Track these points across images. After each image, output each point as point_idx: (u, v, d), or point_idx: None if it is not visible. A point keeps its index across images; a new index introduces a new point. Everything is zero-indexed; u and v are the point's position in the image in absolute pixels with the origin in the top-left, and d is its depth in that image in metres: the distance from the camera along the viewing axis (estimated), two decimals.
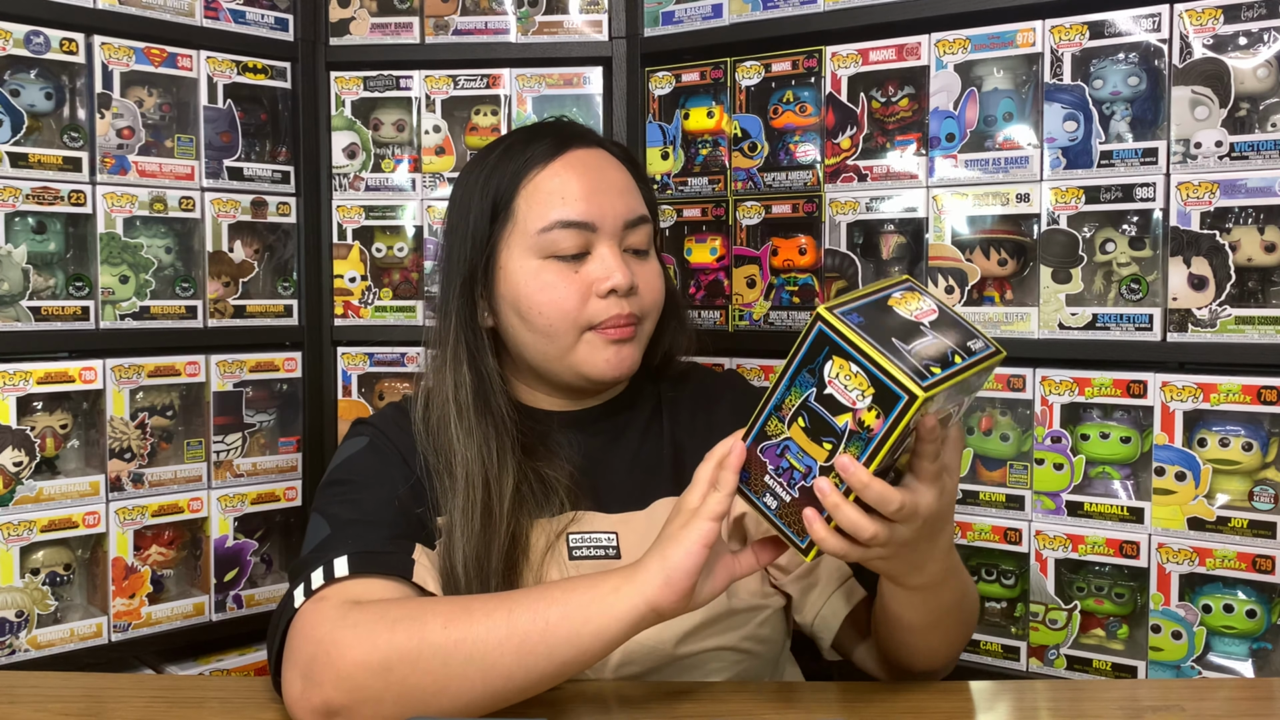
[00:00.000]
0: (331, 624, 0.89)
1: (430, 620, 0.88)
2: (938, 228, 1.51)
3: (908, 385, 0.77)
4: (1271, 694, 1.11)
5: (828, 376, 0.80)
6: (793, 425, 0.83)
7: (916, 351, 0.80)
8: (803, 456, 0.83)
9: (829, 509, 0.83)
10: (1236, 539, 1.32)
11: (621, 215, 1.09)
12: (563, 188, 1.08)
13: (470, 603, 0.90)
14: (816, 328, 0.80)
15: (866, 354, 0.78)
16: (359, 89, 1.81)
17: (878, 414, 0.78)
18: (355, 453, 1.10)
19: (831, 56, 1.59)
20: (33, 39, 1.52)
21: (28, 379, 1.51)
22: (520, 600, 0.88)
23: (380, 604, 0.92)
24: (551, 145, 1.11)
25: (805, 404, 0.82)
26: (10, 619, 1.50)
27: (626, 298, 1.08)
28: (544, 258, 1.08)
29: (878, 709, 0.98)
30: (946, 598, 0.99)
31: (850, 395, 0.79)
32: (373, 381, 1.84)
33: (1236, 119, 1.34)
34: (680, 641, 1.05)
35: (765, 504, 0.87)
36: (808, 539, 0.85)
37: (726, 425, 1.16)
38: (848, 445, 0.81)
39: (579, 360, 1.08)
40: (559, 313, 1.07)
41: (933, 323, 0.84)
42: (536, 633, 0.86)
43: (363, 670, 0.86)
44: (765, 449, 0.86)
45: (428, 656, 0.86)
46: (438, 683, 0.86)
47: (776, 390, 0.84)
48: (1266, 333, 1.30)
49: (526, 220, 1.08)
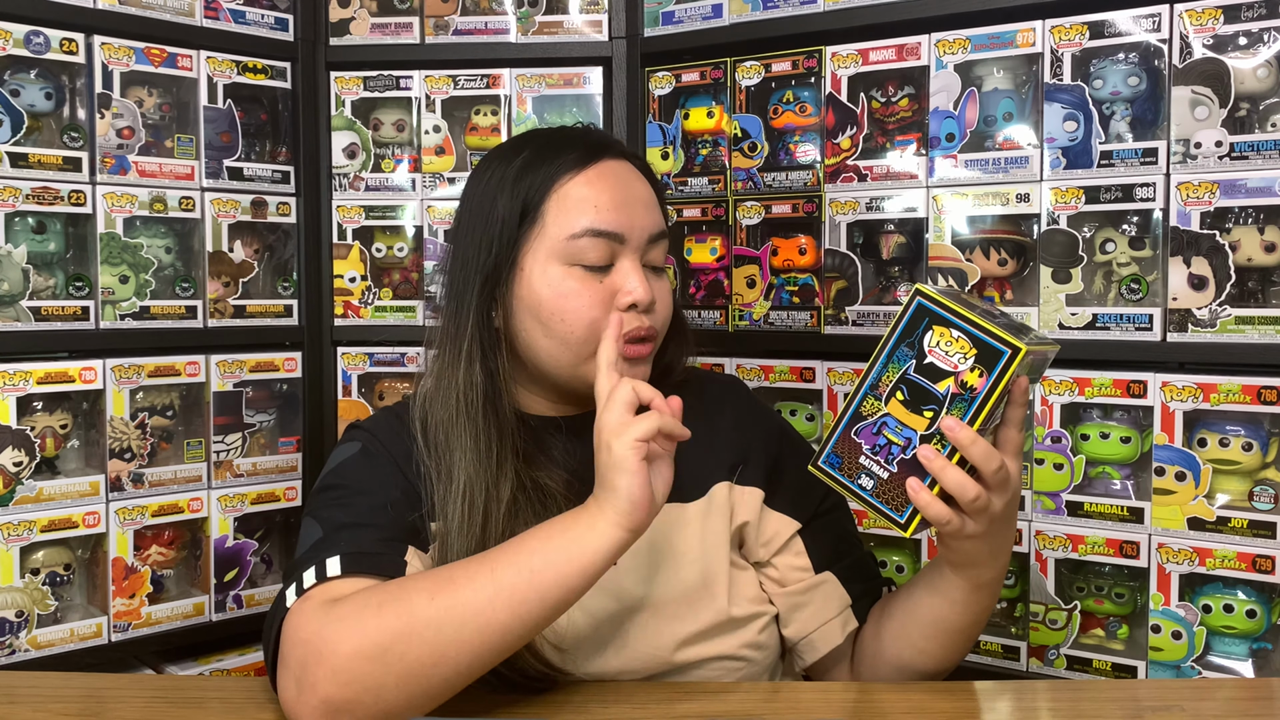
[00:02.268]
0: (318, 622, 0.90)
1: (414, 596, 0.90)
2: (938, 228, 1.51)
3: (1011, 340, 0.85)
4: (1271, 694, 1.11)
5: (928, 346, 0.88)
6: (890, 400, 0.89)
7: (1004, 322, 0.88)
8: (901, 429, 0.89)
9: (934, 472, 0.88)
10: (1236, 539, 1.32)
11: (647, 229, 1.08)
12: (595, 196, 1.07)
13: (449, 571, 0.92)
14: (916, 302, 0.88)
15: (969, 319, 0.86)
16: (359, 89, 1.81)
17: (980, 373, 0.86)
18: (348, 458, 1.09)
19: (831, 56, 1.59)
20: (33, 39, 1.52)
21: (28, 379, 1.51)
22: (498, 558, 0.91)
23: (360, 594, 0.92)
24: (584, 153, 1.09)
25: (904, 377, 0.89)
26: (10, 619, 1.50)
27: (645, 313, 1.07)
28: (569, 265, 1.06)
29: (878, 709, 0.98)
30: (992, 601, 1.04)
31: (952, 360, 0.87)
32: (373, 381, 1.84)
33: (1236, 119, 1.34)
34: (679, 649, 1.05)
35: (861, 485, 0.91)
36: (908, 512, 0.90)
37: (728, 432, 1.17)
38: (950, 408, 0.87)
39: (592, 372, 1.07)
40: (581, 321, 1.05)
41: (1001, 311, 0.94)
42: (523, 583, 0.89)
43: (359, 660, 0.87)
44: (860, 430, 0.91)
45: (420, 630, 0.88)
46: (435, 652, 0.88)
47: (872, 370, 0.90)
48: (1266, 333, 1.30)
49: (556, 225, 1.06)
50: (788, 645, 1.13)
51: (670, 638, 1.05)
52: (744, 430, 1.17)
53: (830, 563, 1.13)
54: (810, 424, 1.67)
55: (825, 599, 1.12)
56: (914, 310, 0.88)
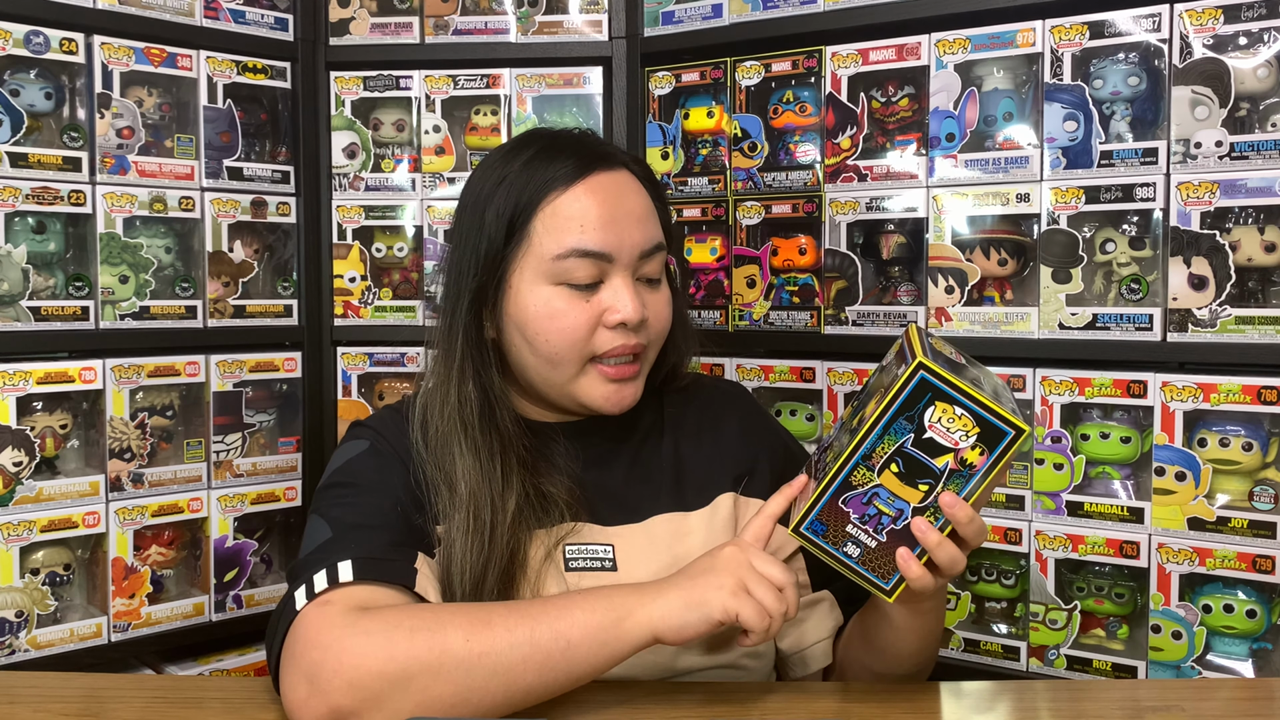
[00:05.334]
0: (340, 630, 0.89)
1: (450, 632, 0.89)
2: (938, 227, 1.51)
3: (1016, 422, 0.86)
4: (1271, 694, 1.11)
5: (929, 421, 0.87)
6: (883, 472, 0.89)
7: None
8: (894, 500, 0.90)
9: (929, 547, 0.89)
10: (1236, 539, 1.32)
11: (639, 245, 1.07)
12: (583, 214, 1.05)
13: (489, 615, 0.91)
14: (919, 376, 0.87)
15: (973, 397, 0.86)
16: (359, 89, 1.81)
17: (981, 451, 0.87)
18: (356, 455, 1.08)
19: (831, 56, 1.59)
20: (33, 39, 1.52)
21: (28, 379, 1.51)
22: (540, 618, 0.91)
23: (391, 611, 0.91)
24: (575, 166, 1.07)
25: (900, 450, 0.88)
26: (10, 619, 1.50)
27: (635, 330, 1.06)
28: (556, 284, 1.05)
29: (877, 709, 0.98)
30: (937, 624, 1.05)
31: (953, 437, 0.87)
32: (372, 381, 1.84)
33: (1236, 119, 1.34)
34: (680, 655, 1.05)
35: (846, 553, 0.92)
36: (893, 580, 0.91)
37: (733, 442, 1.16)
38: (947, 484, 0.88)
39: (579, 391, 1.07)
40: (566, 342, 1.05)
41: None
42: (559, 652, 0.90)
43: (381, 680, 0.86)
44: (849, 499, 0.91)
45: (450, 668, 0.87)
46: (459, 693, 0.88)
47: (865, 441, 0.89)
48: (1266, 333, 1.30)
49: (542, 244, 1.05)
50: (781, 656, 1.14)
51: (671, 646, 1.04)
52: (749, 441, 1.17)
53: (829, 581, 1.12)
54: (810, 424, 1.67)
55: (821, 618, 1.12)
56: (915, 385, 0.87)
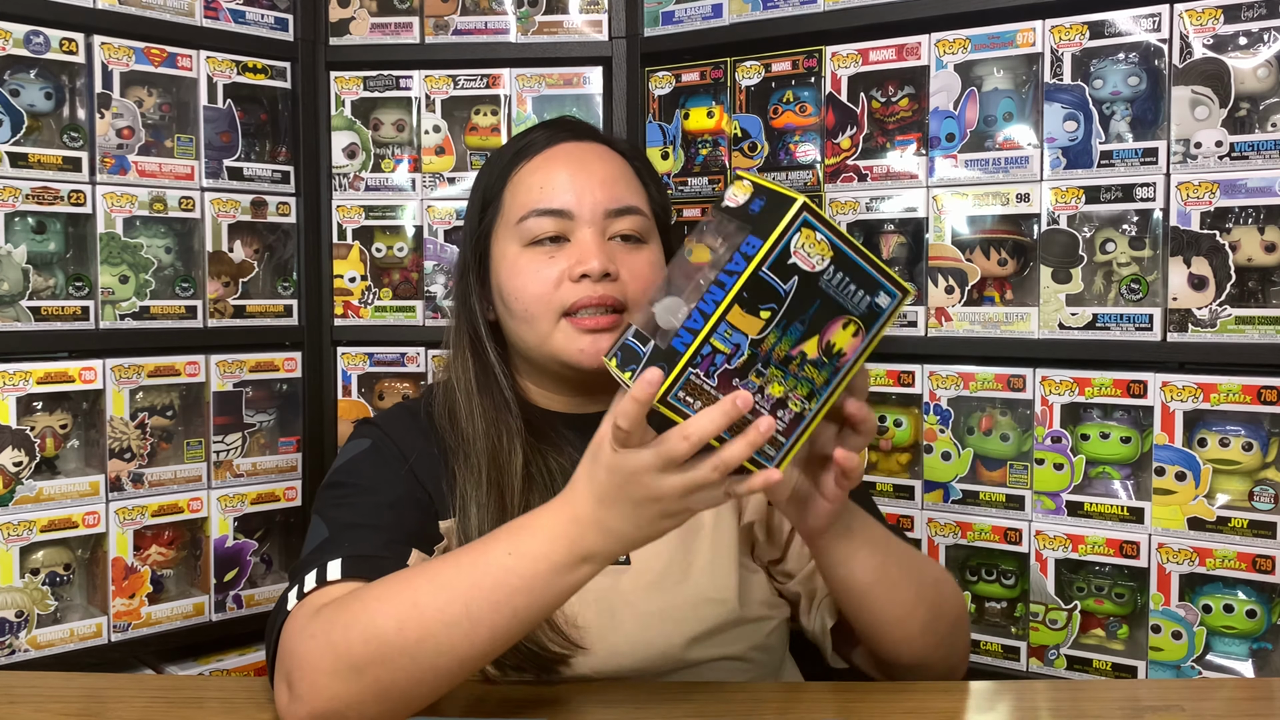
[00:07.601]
0: (301, 634, 0.90)
1: (380, 620, 0.86)
2: (938, 227, 1.51)
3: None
4: (1271, 694, 1.11)
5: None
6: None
7: None
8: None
9: None
10: (1236, 539, 1.32)
11: (602, 203, 1.10)
12: (544, 179, 1.11)
13: (414, 594, 0.87)
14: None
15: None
16: (359, 89, 1.81)
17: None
18: (358, 454, 1.09)
19: (831, 56, 1.59)
20: (33, 39, 1.52)
21: (28, 379, 1.51)
22: (475, 595, 0.85)
23: (328, 609, 0.90)
24: (542, 140, 1.15)
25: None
26: (10, 619, 1.50)
27: (602, 282, 1.07)
28: (524, 245, 1.10)
29: (877, 709, 0.98)
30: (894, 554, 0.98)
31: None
32: (372, 381, 1.84)
33: (1236, 119, 1.34)
34: (689, 646, 1.05)
35: None
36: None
37: None
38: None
39: (556, 348, 1.09)
40: (532, 297, 1.08)
41: None
42: (503, 620, 0.85)
43: (335, 679, 0.87)
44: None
45: (394, 657, 0.86)
46: (411, 678, 0.87)
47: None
48: (1266, 333, 1.30)
49: (509, 211, 1.12)
50: (810, 639, 1.12)
51: (680, 636, 1.05)
52: None
53: None
54: None
55: (823, 587, 1.10)
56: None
